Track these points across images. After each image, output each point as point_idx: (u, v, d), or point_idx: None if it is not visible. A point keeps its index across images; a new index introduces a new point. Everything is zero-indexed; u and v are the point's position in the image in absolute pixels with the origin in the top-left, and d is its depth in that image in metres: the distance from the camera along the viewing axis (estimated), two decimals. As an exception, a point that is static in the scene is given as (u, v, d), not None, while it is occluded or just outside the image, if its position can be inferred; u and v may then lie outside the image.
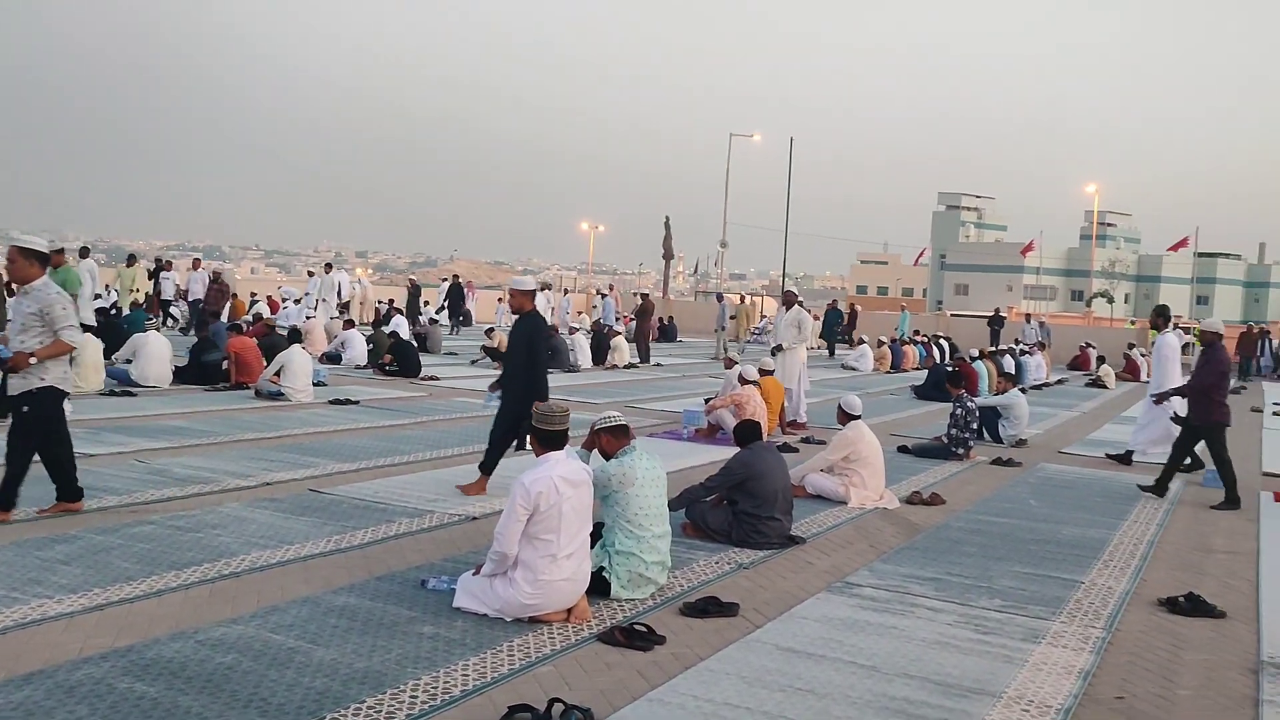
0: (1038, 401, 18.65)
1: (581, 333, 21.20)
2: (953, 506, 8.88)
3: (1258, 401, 21.70)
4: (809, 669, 4.81)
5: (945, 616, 5.72)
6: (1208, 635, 5.71)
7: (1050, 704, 4.55)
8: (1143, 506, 9.34)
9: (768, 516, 6.98)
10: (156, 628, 4.86)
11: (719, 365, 19.93)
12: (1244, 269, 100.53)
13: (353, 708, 4.09)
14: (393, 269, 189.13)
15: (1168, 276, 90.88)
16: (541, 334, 8.20)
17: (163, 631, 4.81)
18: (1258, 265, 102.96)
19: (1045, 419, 16.20)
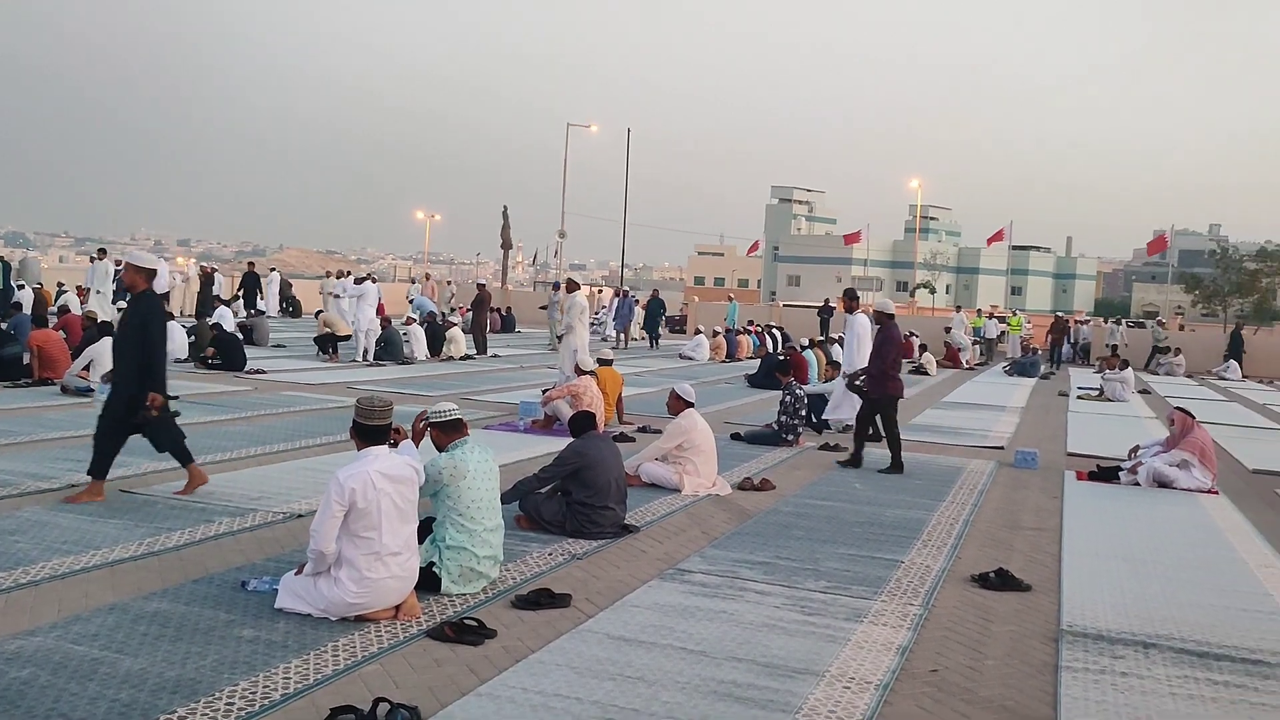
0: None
1: (417, 323, 20.76)
2: (782, 491, 9.11)
3: (1064, 386, 23.07)
4: (639, 657, 4.85)
5: (773, 599, 5.86)
6: (1015, 608, 6.03)
7: (870, 680, 4.72)
8: (960, 487, 9.80)
9: (601, 506, 7.00)
10: (-57, 643, 4.50)
11: (555, 356, 19.90)
12: (1053, 261, 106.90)
13: (162, 718, 3.88)
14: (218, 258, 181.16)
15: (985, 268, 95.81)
16: (158, 317, 7.40)
17: (-50, 647, 4.46)
18: (1066, 258, 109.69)
19: (871, 405, 16.77)
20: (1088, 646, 5.34)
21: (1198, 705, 4.62)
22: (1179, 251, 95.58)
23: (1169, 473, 10.31)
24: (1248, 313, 53.27)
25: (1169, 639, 5.51)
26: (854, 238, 58.56)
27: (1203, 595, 6.43)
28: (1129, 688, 4.79)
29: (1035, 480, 10.53)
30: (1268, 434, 16.31)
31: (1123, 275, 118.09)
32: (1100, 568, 7.00)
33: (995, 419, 15.94)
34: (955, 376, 25.10)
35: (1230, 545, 7.97)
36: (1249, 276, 52.47)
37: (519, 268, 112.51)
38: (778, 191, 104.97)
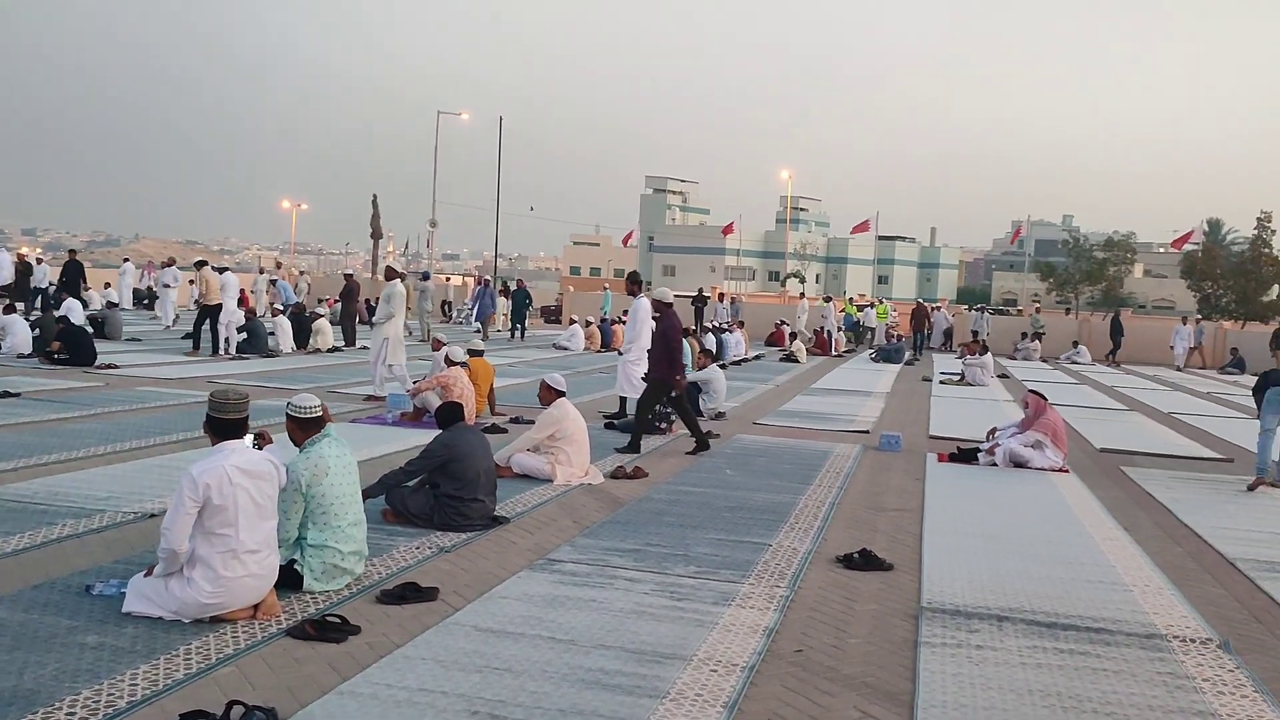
0: (736, 376, 19.62)
1: (283, 315, 20.17)
2: (654, 479, 9.16)
3: (928, 372, 23.83)
4: (507, 648, 4.80)
5: (643, 586, 5.88)
6: (877, 587, 6.19)
7: (736, 662, 4.77)
8: (827, 471, 10.01)
9: (470, 498, 6.91)
10: None
11: (426, 347, 19.59)
12: (918, 251, 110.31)
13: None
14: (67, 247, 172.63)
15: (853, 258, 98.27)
16: None
17: None
18: (930, 248, 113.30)
19: (743, 392, 17.05)
20: (945, 622, 5.51)
21: (1045, 673, 4.81)
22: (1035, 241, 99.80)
23: (1023, 453, 10.74)
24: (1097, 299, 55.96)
25: (1021, 611, 5.74)
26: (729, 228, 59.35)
27: (1053, 569, 6.71)
28: (983, 659, 4.96)
29: (899, 462, 10.84)
30: (1114, 414, 17.15)
31: (983, 264, 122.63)
32: (959, 545, 7.24)
33: (862, 404, 16.35)
34: (825, 363, 25.67)
35: (1079, 520, 8.34)
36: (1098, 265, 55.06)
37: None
38: (652, 182, 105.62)
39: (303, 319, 20.99)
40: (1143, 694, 4.62)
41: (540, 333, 31.65)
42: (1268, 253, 43.91)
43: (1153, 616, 5.77)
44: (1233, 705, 4.54)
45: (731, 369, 21.67)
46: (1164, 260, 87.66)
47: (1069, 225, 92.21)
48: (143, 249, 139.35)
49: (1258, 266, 43.48)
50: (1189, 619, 5.76)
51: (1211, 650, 5.24)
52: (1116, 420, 16.23)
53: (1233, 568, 7.08)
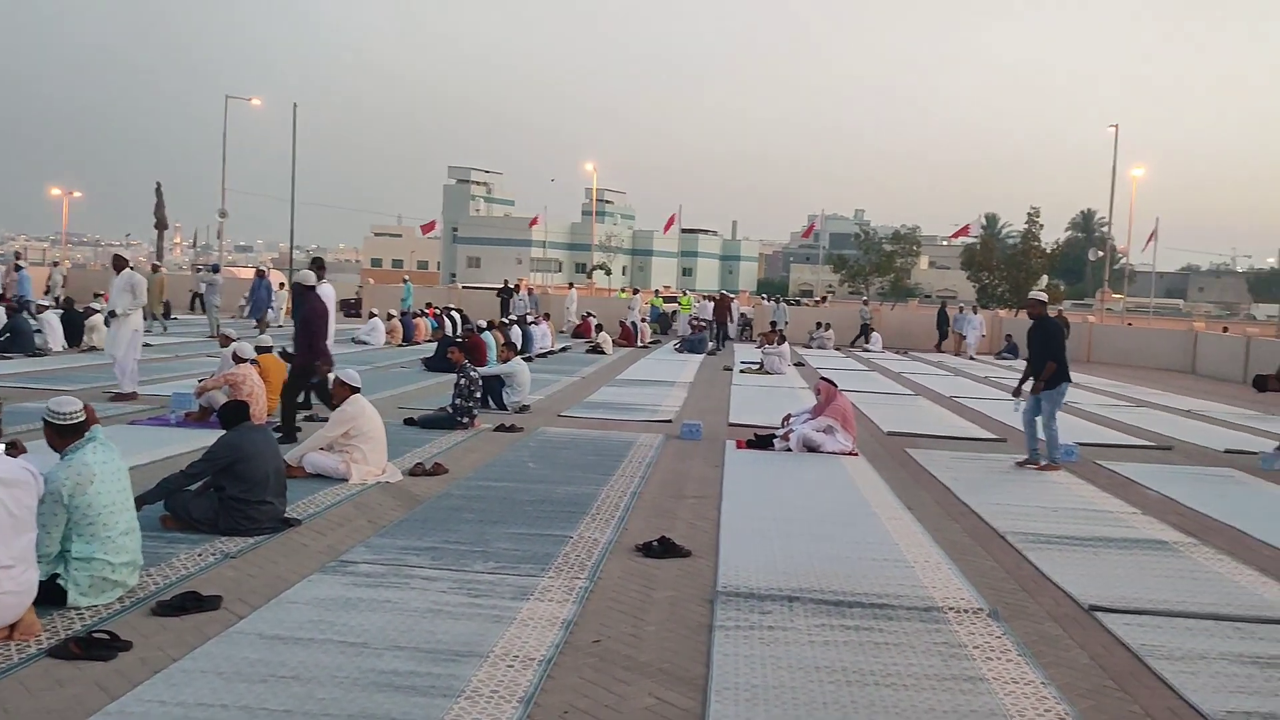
0: (542, 369, 19.59)
1: (51, 310, 18.78)
2: (455, 475, 9.02)
3: (729, 361, 24.45)
4: (295, 655, 4.61)
5: (440, 584, 5.77)
6: (675, 574, 6.29)
7: (534, 656, 4.74)
8: (629, 461, 10.11)
9: (258, 500, 6.61)
10: None
11: (214, 344, 18.68)
12: (720, 244, 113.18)
13: None
14: None
15: (659, 250, 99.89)
16: None
17: None
18: (731, 241, 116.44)
19: (548, 385, 17.04)
20: (740, 605, 5.65)
21: (832, 650, 5.01)
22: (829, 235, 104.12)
23: (816, 438, 11.16)
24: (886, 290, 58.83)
25: (811, 591, 5.95)
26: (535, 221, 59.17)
27: (841, 548, 6.99)
28: (774, 640, 5.11)
29: (699, 450, 11.07)
30: (901, 399, 18.06)
31: (781, 257, 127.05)
32: (754, 530, 7.44)
33: (666, 394, 16.62)
34: (631, 354, 25.96)
35: (866, 501, 8.73)
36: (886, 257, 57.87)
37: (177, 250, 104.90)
38: (455, 172, 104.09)
39: (74, 315, 19.62)
40: (920, 664, 4.86)
41: (340, 327, 30.70)
42: (1037, 245, 47.18)
43: (931, 590, 6.10)
44: (999, 669, 4.84)
45: (538, 361, 21.65)
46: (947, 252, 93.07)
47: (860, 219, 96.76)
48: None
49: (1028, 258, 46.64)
50: (963, 591, 6.12)
51: (982, 619, 5.58)
52: (903, 405, 17.09)
53: (1003, 541, 7.56)
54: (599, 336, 26.67)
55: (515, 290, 34.49)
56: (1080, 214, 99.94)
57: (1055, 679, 4.77)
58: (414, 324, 25.97)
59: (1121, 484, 10.16)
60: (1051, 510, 8.66)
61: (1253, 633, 5.58)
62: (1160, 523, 8.37)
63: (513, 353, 14.91)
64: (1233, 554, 7.38)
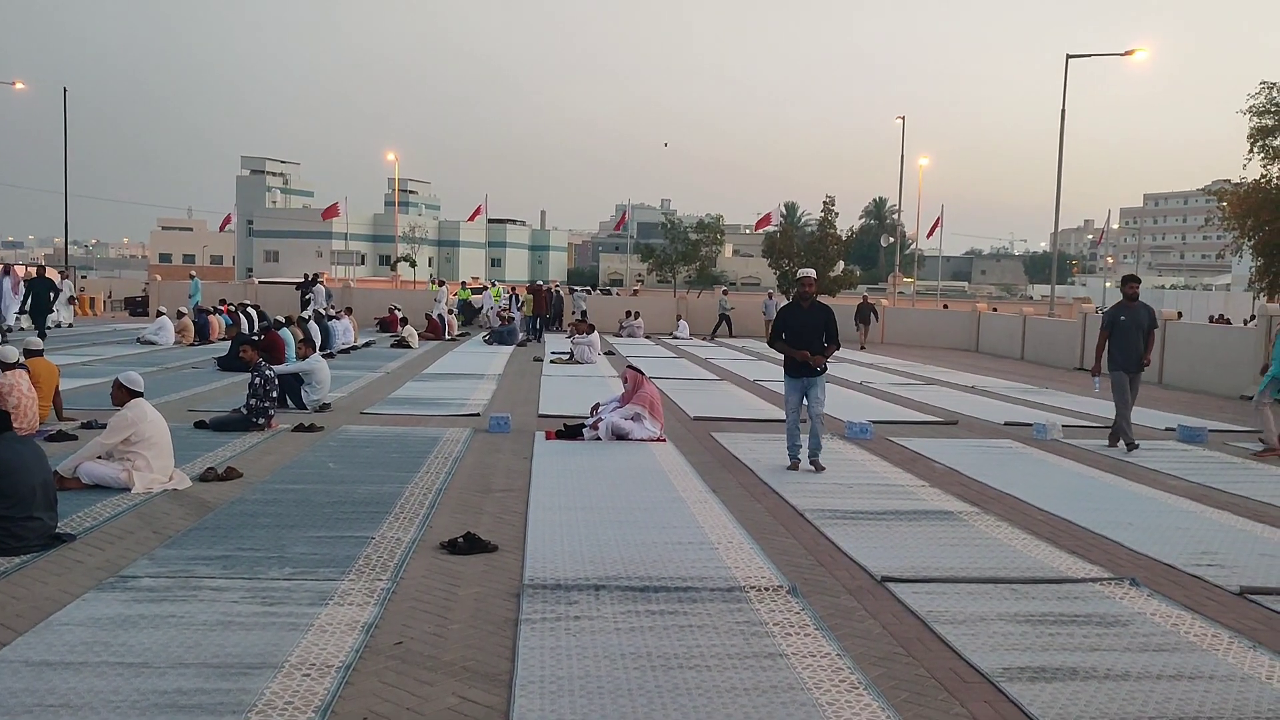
0: (344, 365, 19.02)
1: None
2: (250, 479, 8.62)
3: (539, 352, 24.38)
4: (66, 680, 4.28)
5: (231, 595, 5.49)
6: (481, 570, 6.19)
7: (331, 663, 4.57)
8: (435, 457, 9.91)
9: (24, 517, 6.12)
10: None
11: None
12: (529, 234, 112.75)
13: None
14: None
15: (465, 241, 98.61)
16: None
17: None
18: (540, 230, 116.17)
19: (350, 381, 16.55)
20: (546, 597, 5.62)
21: (638, 636, 5.03)
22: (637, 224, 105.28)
23: (624, 425, 11.25)
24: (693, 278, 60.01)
25: (617, 579, 5.97)
26: (332, 211, 57.31)
27: (648, 534, 7.06)
28: (581, 630, 5.10)
29: (508, 443, 10.96)
30: (708, 384, 18.44)
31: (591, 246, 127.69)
32: (562, 520, 7.42)
33: (474, 387, 16.41)
34: (438, 348, 25.53)
35: (673, 486, 8.85)
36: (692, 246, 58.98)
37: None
38: (249, 162, 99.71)
39: None
40: (723, 644, 4.95)
41: (125, 326, 28.94)
42: (833, 232, 49.12)
43: (734, 570, 6.23)
44: (798, 644, 4.99)
45: (340, 357, 20.99)
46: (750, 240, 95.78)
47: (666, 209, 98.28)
48: None
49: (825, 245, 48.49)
50: (764, 569, 6.28)
51: (782, 596, 5.74)
52: (709, 390, 17.45)
53: (803, 519, 7.81)
54: (404, 330, 26.10)
55: (315, 283, 33.33)
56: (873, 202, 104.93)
57: (850, 650, 4.96)
58: (208, 321, 24.72)
59: (911, 458, 10.68)
60: (847, 487, 9.01)
61: (1027, 593, 5.96)
62: (946, 494, 8.84)
63: (311, 349, 14.37)
64: (1010, 520, 7.87)
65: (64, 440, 9.95)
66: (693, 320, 35.06)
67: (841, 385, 17.88)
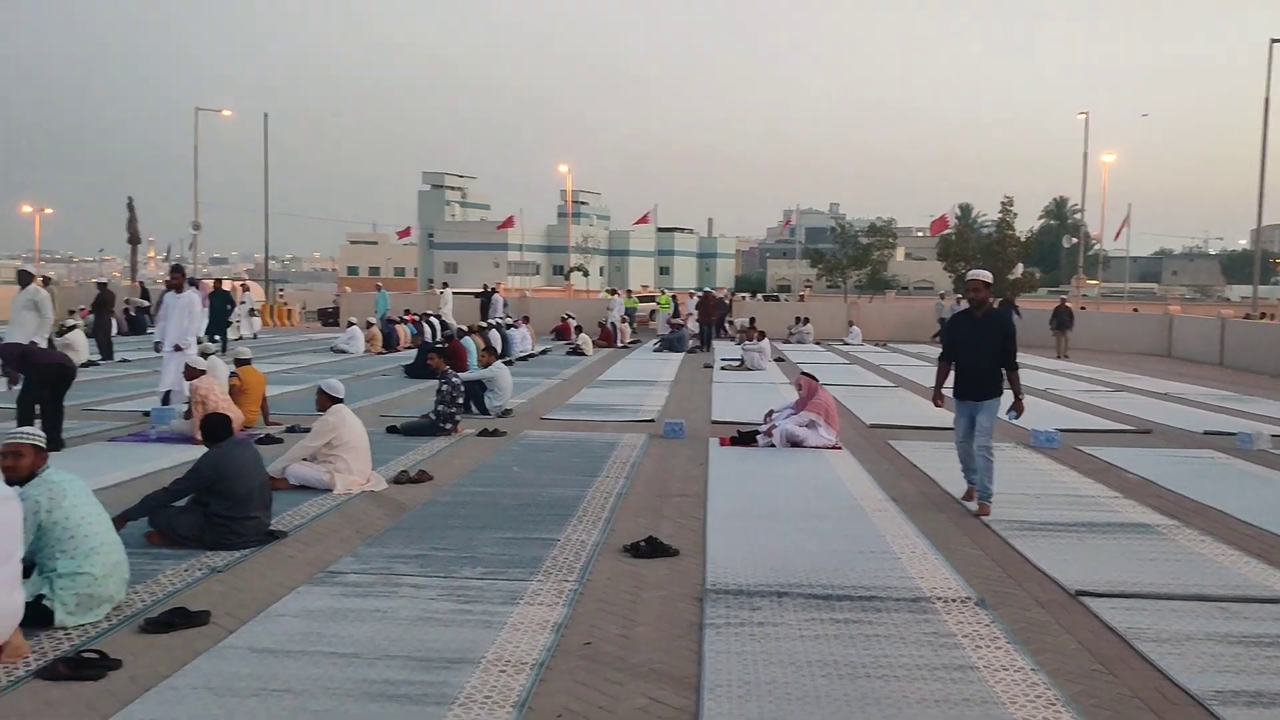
0: (523, 372, 19.57)
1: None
2: (440, 482, 9.00)
3: (710, 359, 24.48)
4: (285, 668, 4.59)
5: (429, 592, 5.76)
6: (664, 573, 6.30)
7: (526, 660, 4.74)
8: (614, 462, 10.11)
9: (243, 516, 6.58)
10: None
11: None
12: (697, 241, 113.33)
13: None
14: None
15: (635, 250, 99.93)
16: None
17: None
18: (708, 238, 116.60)
19: (530, 388, 17.02)
20: (729, 602, 5.67)
21: (823, 644, 5.02)
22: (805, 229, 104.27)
23: (799, 432, 11.19)
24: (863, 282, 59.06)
25: (800, 586, 5.97)
26: (508, 223, 59.05)
27: (828, 542, 7.02)
28: (765, 636, 5.13)
29: (683, 449, 11.08)
30: (883, 391, 18.13)
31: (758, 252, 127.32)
32: (741, 527, 7.46)
33: (647, 394, 16.63)
34: (611, 355, 25.96)
35: (851, 494, 8.77)
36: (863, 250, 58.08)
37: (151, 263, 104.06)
38: (430, 178, 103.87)
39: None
40: (911, 655, 4.89)
41: (318, 336, 30.60)
42: (1011, 234, 47.46)
43: (918, 580, 6.13)
44: (989, 657, 4.87)
45: (518, 364, 21.62)
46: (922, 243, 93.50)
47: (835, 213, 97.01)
48: None
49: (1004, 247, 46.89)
50: (950, 580, 6.15)
51: (970, 608, 5.61)
52: (885, 397, 17.15)
53: (989, 530, 7.60)
54: (579, 338, 26.65)
55: (492, 294, 34.42)
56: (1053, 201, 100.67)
57: (1045, 664, 4.81)
58: (395, 331, 25.88)
59: (1102, 469, 10.24)
60: (1035, 497, 8.72)
61: (1237, 612, 5.64)
62: (1142, 506, 8.44)
63: (493, 357, 14.88)
64: (1214, 535, 7.46)
65: (270, 443, 10.61)
66: (865, 325, 34.49)
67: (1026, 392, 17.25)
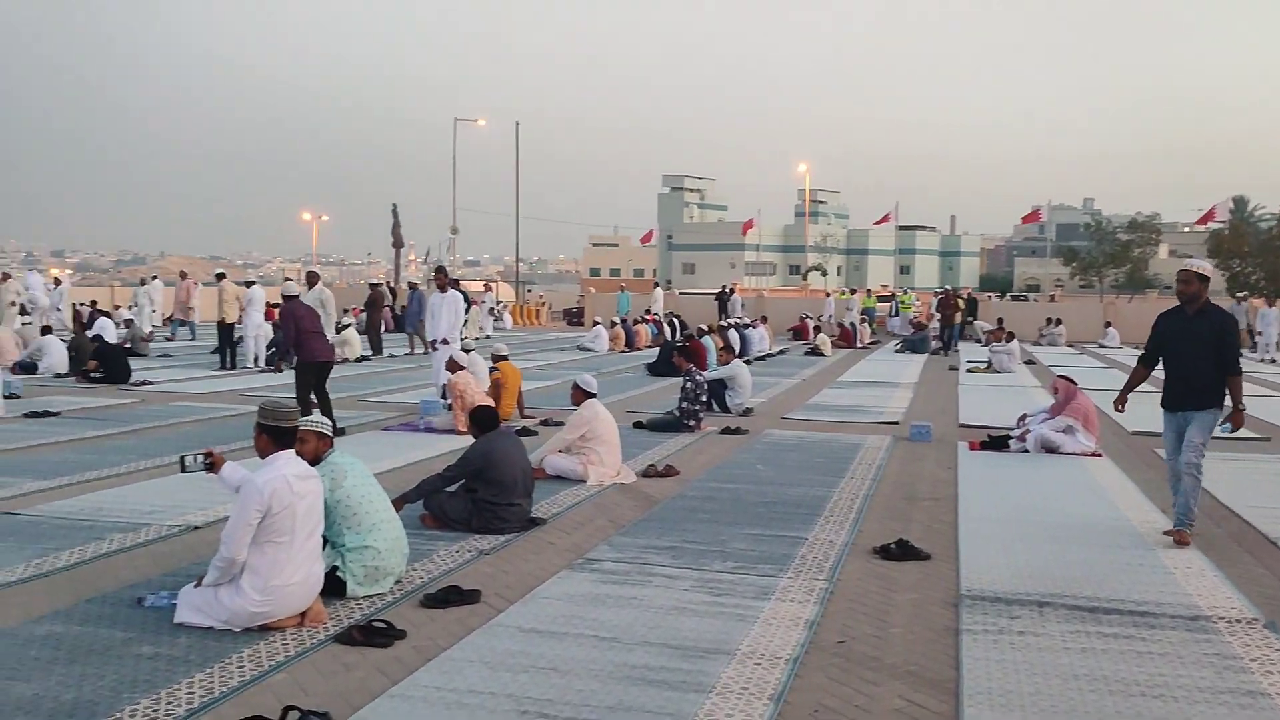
0: (762, 371, 19.63)
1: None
2: (686, 476, 9.19)
3: (955, 361, 23.73)
4: (551, 647, 4.85)
5: (682, 583, 5.91)
6: (916, 576, 6.20)
7: (780, 655, 4.80)
8: (859, 463, 10.01)
9: (507, 502, 6.97)
10: None
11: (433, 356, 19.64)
12: (939, 239, 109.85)
13: (59, 744, 3.75)
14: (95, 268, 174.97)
15: (874, 249, 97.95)
16: None
17: None
18: (950, 236, 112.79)
19: (769, 388, 17.06)
20: (986, 609, 5.52)
21: (1090, 658, 4.81)
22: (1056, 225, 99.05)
23: (1055, 438, 10.70)
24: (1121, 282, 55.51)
25: (1062, 597, 5.73)
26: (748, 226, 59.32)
27: (1091, 553, 6.70)
28: (1026, 645, 4.96)
29: (930, 452, 10.82)
30: (1145, 396, 16.99)
31: (1004, 250, 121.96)
32: (995, 533, 7.23)
33: (889, 395, 16.33)
34: (850, 356, 25.61)
35: (1114, 504, 8.32)
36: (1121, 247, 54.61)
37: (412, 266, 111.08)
38: (669, 180, 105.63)
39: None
40: (1190, 675, 4.61)
41: (564, 335, 31.77)
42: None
43: (1196, 598, 5.76)
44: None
45: (756, 364, 21.69)
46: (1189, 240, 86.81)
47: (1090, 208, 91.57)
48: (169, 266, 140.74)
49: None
50: (1233, 599, 5.74)
51: (1257, 630, 5.22)
52: (1147, 403, 16.05)
53: (1275, 547, 7.04)
54: (817, 338, 26.45)
55: (731, 294, 34.65)
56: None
57: (1345, 695, 4.42)
58: (635, 330, 26.55)
59: None
60: (1328, 515, 7.98)
61: None
62: None
63: (732, 355, 15.02)
64: None
65: (526, 435, 11.14)
66: (1123, 327, 32.42)
67: (1312, 401, 15.76)
